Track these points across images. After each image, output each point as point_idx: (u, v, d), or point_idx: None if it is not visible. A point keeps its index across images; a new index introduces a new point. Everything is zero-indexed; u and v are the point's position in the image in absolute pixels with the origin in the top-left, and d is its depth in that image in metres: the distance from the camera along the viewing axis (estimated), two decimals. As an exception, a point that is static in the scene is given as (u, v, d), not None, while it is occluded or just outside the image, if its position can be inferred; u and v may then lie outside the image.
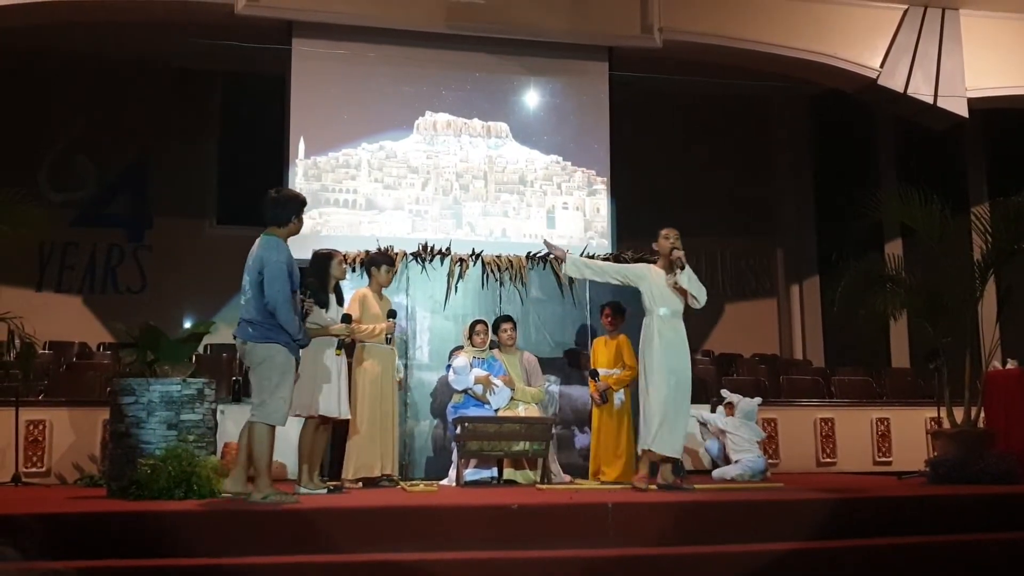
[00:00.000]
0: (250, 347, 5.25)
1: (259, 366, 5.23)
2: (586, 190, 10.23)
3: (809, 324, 13.41)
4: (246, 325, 5.26)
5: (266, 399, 5.21)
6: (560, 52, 10.30)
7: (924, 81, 10.49)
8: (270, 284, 5.15)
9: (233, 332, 5.42)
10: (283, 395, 5.24)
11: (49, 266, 11.98)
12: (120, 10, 9.73)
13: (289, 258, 5.28)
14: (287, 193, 5.57)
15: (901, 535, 4.95)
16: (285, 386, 5.25)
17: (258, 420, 5.23)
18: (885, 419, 9.37)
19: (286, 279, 5.19)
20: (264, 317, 5.19)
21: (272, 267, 5.17)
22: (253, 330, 5.23)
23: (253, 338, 5.22)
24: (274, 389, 5.20)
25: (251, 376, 5.33)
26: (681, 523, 4.90)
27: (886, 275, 8.09)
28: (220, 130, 12.67)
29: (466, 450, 6.81)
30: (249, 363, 5.33)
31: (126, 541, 4.30)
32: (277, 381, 5.21)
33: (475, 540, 4.55)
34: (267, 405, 5.21)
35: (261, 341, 5.20)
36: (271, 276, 5.15)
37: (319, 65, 9.87)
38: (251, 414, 5.30)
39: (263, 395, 5.22)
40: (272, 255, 5.21)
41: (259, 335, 5.20)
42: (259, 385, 5.25)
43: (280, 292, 5.15)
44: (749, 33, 10.41)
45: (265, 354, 5.20)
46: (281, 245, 5.31)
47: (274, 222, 5.39)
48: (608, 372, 7.31)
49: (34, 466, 7.55)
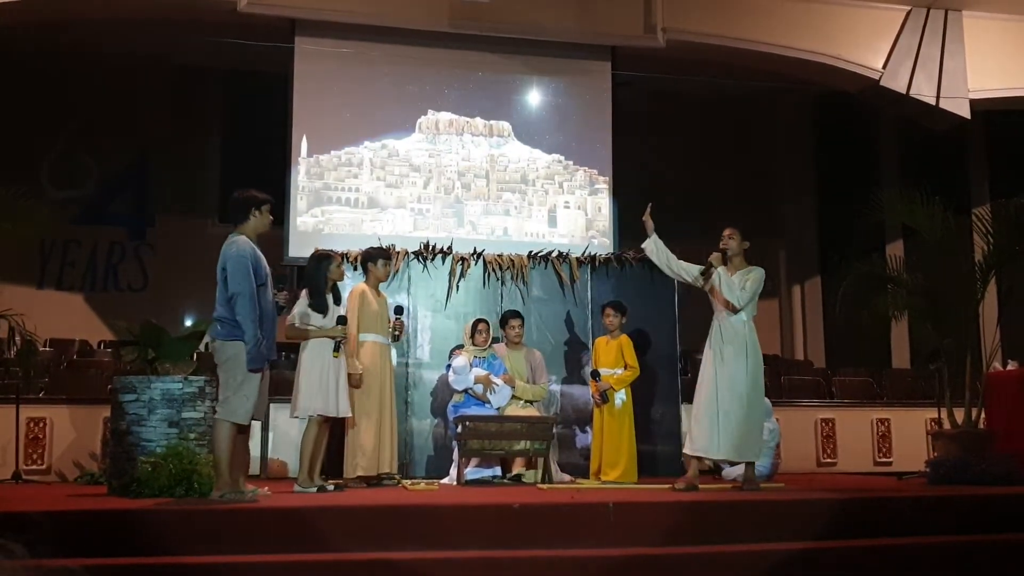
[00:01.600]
0: (218, 344, 5.30)
1: (225, 363, 5.27)
2: (588, 189, 10.23)
3: (810, 324, 13.42)
4: (216, 323, 5.34)
5: (230, 396, 5.24)
6: (563, 51, 10.30)
7: (926, 82, 10.48)
8: (232, 277, 5.23)
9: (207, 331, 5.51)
10: (247, 393, 5.26)
11: (50, 263, 12.00)
12: (122, 7, 9.74)
13: (252, 253, 5.34)
14: (245, 193, 5.62)
15: (902, 535, 4.94)
16: (249, 384, 5.26)
17: (221, 417, 5.26)
18: (886, 420, 9.37)
19: (247, 273, 5.24)
20: (231, 314, 5.24)
21: (232, 261, 5.26)
22: (221, 327, 5.29)
23: (221, 335, 5.28)
24: (238, 387, 5.23)
25: (219, 373, 5.36)
26: (683, 523, 4.89)
27: (887, 276, 8.08)
28: (222, 128, 12.69)
29: (467, 449, 6.81)
30: (217, 360, 5.35)
31: (126, 539, 4.29)
32: (241, 379, 5.23)
33: (476, 539, 4.54)
34: (230, 402, 5.23)
35: (228, 339, 5.25)
36: (232, 270, 5.24)
37: (322, 63, 9.87)
38: (215, 411, 5.34)
39: (227, 392, 5.25)
40: (232, 250, 5.31)
41: (226, 332, 5.26)
42: (225, 382, 5.28)
43: (241, 285, 5.21)
44: (752, 33, 10.40)
45: (232, 351, 5.24)
46: (242, 241, 5.37)
47: (236, 220, 5.51)
48: (610, 372, 7.30)
49: (35, 464, 7.55)
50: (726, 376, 6.20)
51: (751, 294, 6.29)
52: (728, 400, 6.17)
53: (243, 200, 5.53)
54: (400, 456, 7.18)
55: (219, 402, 5.32)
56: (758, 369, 6.28)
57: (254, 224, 5.49)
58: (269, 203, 5.60)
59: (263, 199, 5.57)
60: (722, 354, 6.26)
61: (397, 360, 7.38)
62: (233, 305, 5.21)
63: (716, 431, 6.15)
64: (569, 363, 8.12)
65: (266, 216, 5.55)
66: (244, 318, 5.20)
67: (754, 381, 6.22)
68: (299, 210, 9.63)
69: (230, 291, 5.23)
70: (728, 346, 6.25)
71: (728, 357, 6.23)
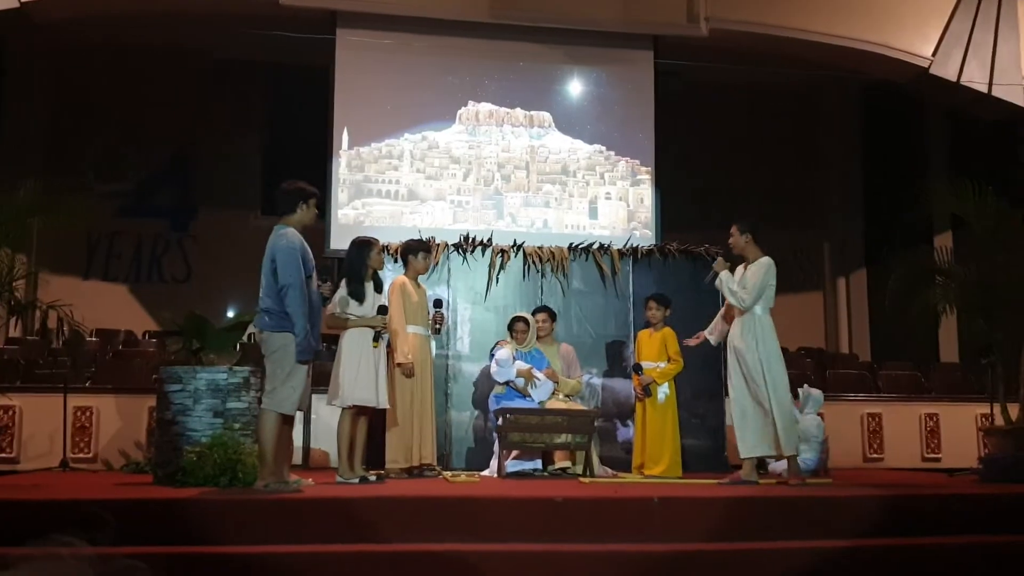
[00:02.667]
0: (266, 335, 5.32)
1: (273, 354, 5.29)
2: (630, 180, 10.14)
3: (856, 317, 13.23)
4: (263, 314, 5.34)
5: (277, 387, 5.26)
6: (605, 41, 10.22)
7: (978, 69, 10.26)
8: (282, 269, 5.24)
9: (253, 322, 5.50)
10: (294, 384, 5.28)
11: (96, 255, 12.17)
12: (164, 2, 9.82)
13: (301, 245, 5.37)
14: (295, 184, 5.63)
15: (953, 534, 4.83)
16: (297, 375, 5.29)
17: (268, 407, 5.29)
18: (934, 415, 9.19)
19: (298, 264, 5.27)
20: (279, 306, 5.26)
21: (283, 253, 5.27)
22: (269, 319, 5.30)
23: (269, 327, 5.29)
24: (286, 378, 5.25)
25: (266, 364, 5.38)
26: (728, 519, 4.82)
27: (936, 268, 7.92)
28: (264, 121, 12.79)
29: (507, 441, 6.78)
30: (264, 351, 5.37)
31: (172, 528, 4.32)
32: (289, 370, 5.26)
33: (519, 532, 4.50)
34: (277, 393, 5.26)
35: (277, 330, 5.27)
36: (282, 262, 5.25)
37: (363, 55, 9.88)
38: (262, 401, 5.36)
39: (275, 382, 5.28)
40: (282, 242, 5.31)
41: (274, 324, 5.27)
42: (272, 373, 5.31)
43: (292, 277, 5.23)
44: (797, 22, 10.25)
45: (280, 342, 5.26)
46: (291, 233, 5.38)
47: (284, 212, 5.50)
48: (652, 365, 7.22)
49: (81, 452, 7.64)
50: (744, 373, 6.14)
51: (754, 290, 6.18)
52: (745, 397, 6.13)
53: (292, 192, 5.53)
54: (439, 448, 7.17)
55: (265, 392, 5.34)
56: (772, 360, 6.13)
57: (300, 216, 5.50)
58: (317, 197, 5.61)
59: (312, 192, 5.58)
60: (736, 352, 6.22)
61: (436, 352, 7.36)
62: (283, 297, 5.23)
63: (745, 430, 6.09)
64: (610, 356, 8.05)
65: (312, 210, 5.57)
66: (295, 310, 5.22)
67: (770, 373, 6.10)
68: (340, 202, 9.67)
69: (280, 283, 5.24)
70: (741, 342, 6.20)
71: (742, 353, 6.17)
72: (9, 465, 7.38)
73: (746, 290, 6.18)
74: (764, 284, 6.21)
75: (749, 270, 6.27)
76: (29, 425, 7.62)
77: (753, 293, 6.17)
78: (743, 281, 6.23)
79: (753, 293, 6.17)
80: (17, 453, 7.57)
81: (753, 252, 6.34)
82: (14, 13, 9.00)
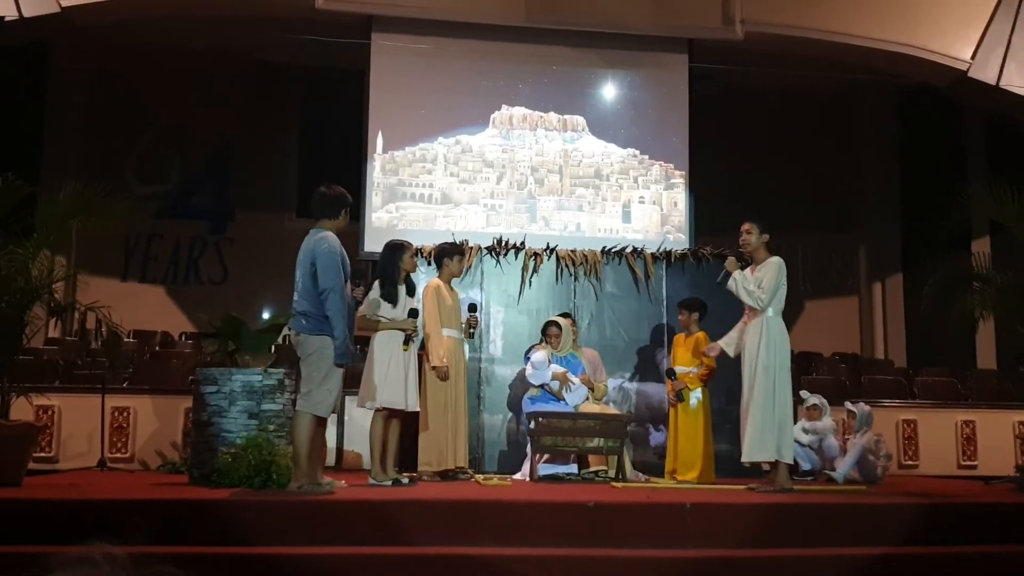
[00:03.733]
0: (303, 338, 5.36)
1: (309, 356, 5.34)
2: (663, 184, 10.11)
3: (891, 323, 13.08)
4: (300, 317, 5.38)
5: (313, 390, 5.31)
6: (639, 44, 10.20)
7: (1018, 72, 10.11)
8: (324, 273, 5.28)
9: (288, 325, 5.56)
10: (330, 387, 5.33)
11: (134, 257, 12.32)
12: (204, 5, 9.95)
13: (340, 249, 5.42)
14: (337, 190, 5.68)
15: (989, 543, 4.77)
16: (333, 378, 5.34)
17: (303, 410, 5.33)
18: (971, 421, 9.07)
19: (338, 269, 5.32)
20: (317, 309, 5.30)
21: (324, 257, 5.30)
22: (307, 322, 5.34)
23: (306, 329, 5.34)
24: (322, 380, 5.30)
25: (301, 366, 5.42)
26: (761, 525, 4.79)
27: (974, 274, 7.82)
28: (300, 124, 12.88)
29: (540, 445, 6.79)
30: (301, 354, 5.41)
31: (206, 528, 4.37)
32: (326, 372, 5.30)
33: (551, 536, 4.51)
34: (313, 395, 5.30)
35: (314, 333, 5.31)
36: (323, 266, 5.29)
37: (398, 60, 9.94)
38: (297, 403, 5.41)
39: (311, 385, 5.32)
40: (323, 246, 5.35)
41: (312, 327, 5.32)
42: (308, 376, 5.34)
43: (333, 281, 5.27)
44: (833, 24, 10.16)
45: (317, 345, 5.31)
46: (331, 237, 5.44)
47: (324, 216, 5.54)
48: (685, 370, 7.19)
49: (119, 452, 7.75)
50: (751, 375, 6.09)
51: (769, 291, 6.10)
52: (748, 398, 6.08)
53: (336, 198, 5.58)
54: (472, 451, 7.20)
55: (301, 394, 5.38)
56: (773, 363, 6.05)
57: (339, 223, 5.56)
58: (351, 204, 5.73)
59: (350, 200, 5.68)
60: (744, 354, 6.18)
61: (469, 355, 7.39)
62: (324, 300, 5.27)
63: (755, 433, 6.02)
64: (643, 360, 8.04)
65: (347, 217, 5.65)
66: (335, 313, 5.26)
67: (771, 375, 6.03)
68: (374, 206, 9.73)
69: (321, 287, 5.27)
70: (750, 343, 6.14)
71: (752, 355, 6.11)
72: (48, 464, 7.50)
73: (763, 290, 6.10)
74: (778, 284, 6.16)
75: (760, 270, 6.20)
76: (68, 425, 7.74)
77: (769, 295, 6.11)
78: (757, 281, 6.16)
79: (769, 295, 6.11)
80: (56, 452, 7.69)
81: (763, 253, 6.28)
82: (56, 17, 9.16)
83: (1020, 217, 7.25)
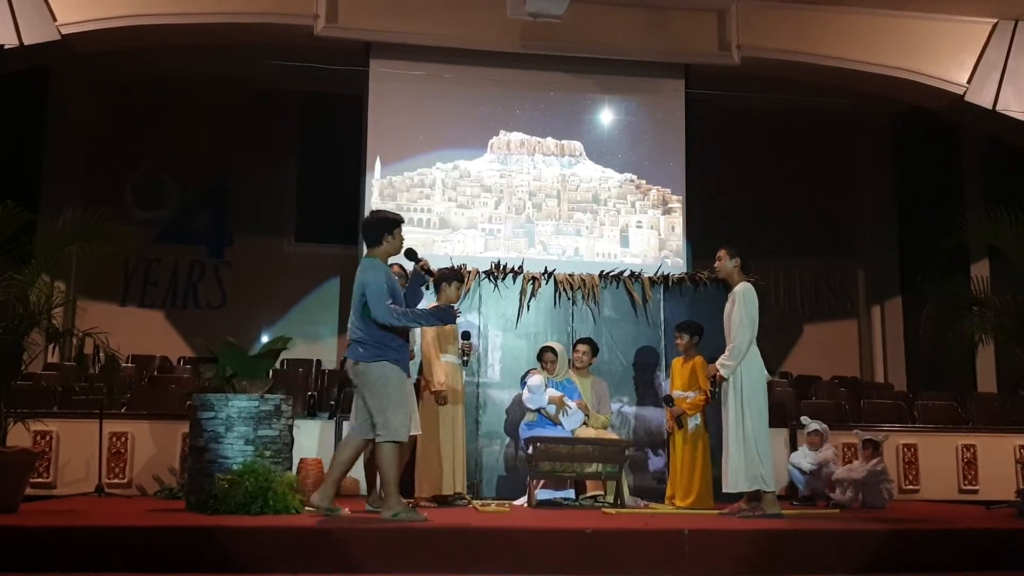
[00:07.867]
0: (363, 368, 5.33)
1: (374, 386, 5.30)
2: (661, 208, 10.14)
3: (891, 346, 13.06)
4: (356, 346, 5.36)
5: (389, 417, 5.26)
6: (636, 70, 10.26)
7: (1014, 97, 10.17)
8: (374, 305, 5.27)
9: (344, 354, 5.53)
10: (405, 410, 5.35)
11: (133, 282, 12.32)
12: (203, 32, 10.00)
13: (388, 276, 5.43)
14: (377, 214, 5.71)
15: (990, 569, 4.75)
16: (399, 398, 5.33)
17: (384, 439, 5.27)
18: (971, 446, 9.03)
19: (386, 297, 5.29)
20: (372, 337, 5.29)
21: (372, 288, 5.30)
22: (364, 350, 5.32)
23: (364, 357, 5.32)
24: (396, 407, 5.28)
25: (368, 397, 5.35)
26: (758, 551, 4.77)
27: (973, 297, 7.82)
28: (299, 149, 12.93)
29: (538, 470, 6.76)
30: (362, 384, 5.37)
31: (203, 555, 4.35)
32: (396, 398, 5.30)
33: (549, 564, 4.49)
34: (390, 423, 5.26)
35: (373, 360, 5.30)
36: (372, 297, 5.27)
37: (395, 85, 10.00)
38: (376, 435, 5.31)
39: (386, 414, 5.26)
40: (369, 276, 5.35)
41: (370, 355, 5.31)
42: (379, 405, 5.29)
43: (384, 311, 5.25)
44: (830, 50, 10.22)
45: (380, 372, 5.29)
46: (378, 265, 5.43)
47: (367, 243, 5.56)
48: (682, 395, 7.17)
49: (116, 477, 7.71)
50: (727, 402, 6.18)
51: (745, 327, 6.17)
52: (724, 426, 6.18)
53: (377, 223, 5.56)
54: (470, 476, 7.17)
55: (378, 425, 5.29)
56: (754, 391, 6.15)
57: (387, 247, 5.51)
58: (400, 223, 5.61)
59: (395, 220, 5.59)
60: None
61: (467, 380, 7.37)
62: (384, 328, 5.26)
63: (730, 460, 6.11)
64: (640, 384, 8.02)
65: (400, 238, 5.56)
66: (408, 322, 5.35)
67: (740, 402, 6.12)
68: (373, 230, 9.73)
69: (375, 317, 5.26)
70: None
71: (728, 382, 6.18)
72: (46, 490, 7.46)
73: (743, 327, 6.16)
74: (751, 314, 6.24)
75: (730, 302, 6.30)
76: (66, 450, 7.70)
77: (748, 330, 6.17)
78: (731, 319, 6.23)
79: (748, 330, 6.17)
80: (54, 478, 7.65)
81: (737, 276, 6.38)
82: (56, 45, 9.22)
83: (1017, 241, 7.25)
